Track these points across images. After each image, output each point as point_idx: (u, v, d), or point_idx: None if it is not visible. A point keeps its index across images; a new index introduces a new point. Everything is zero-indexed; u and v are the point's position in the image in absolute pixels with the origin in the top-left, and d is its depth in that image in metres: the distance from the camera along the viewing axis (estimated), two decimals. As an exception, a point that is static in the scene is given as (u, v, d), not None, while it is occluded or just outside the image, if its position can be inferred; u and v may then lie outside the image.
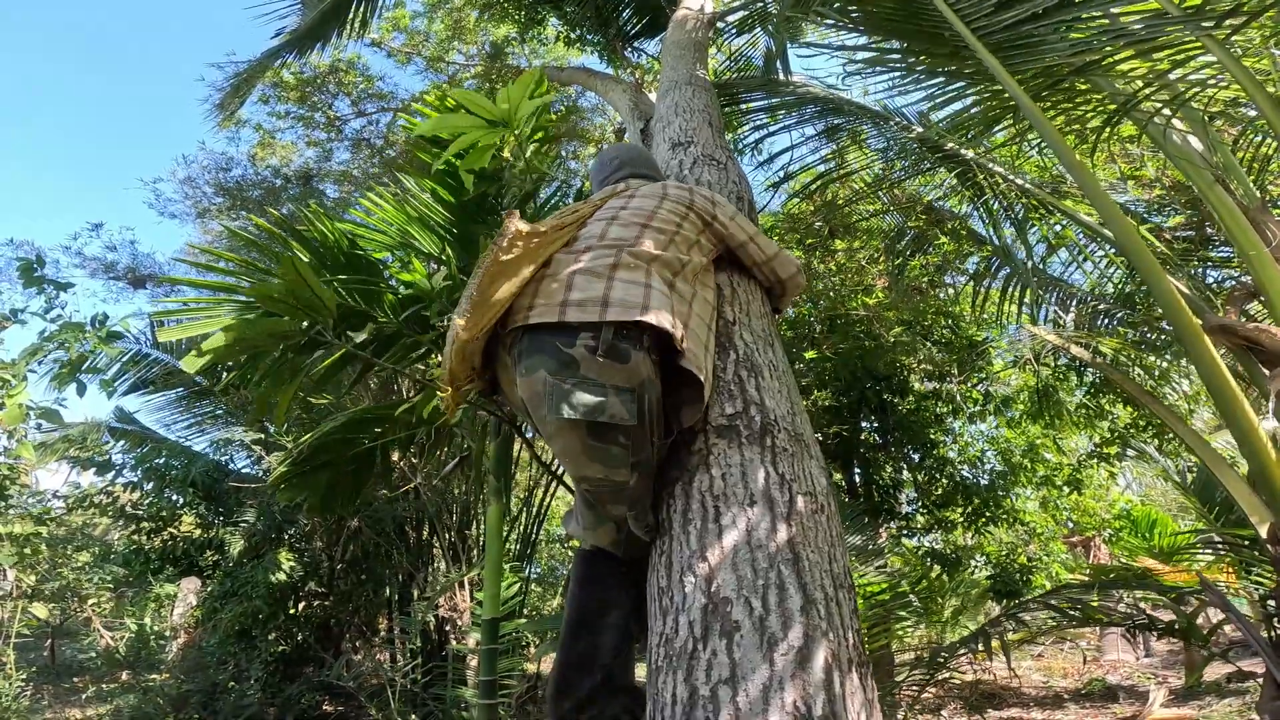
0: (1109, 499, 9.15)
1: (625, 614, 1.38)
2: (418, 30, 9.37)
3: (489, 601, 2.70)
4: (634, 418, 1.22)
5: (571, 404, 1.21)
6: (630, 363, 1.23)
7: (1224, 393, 1.64)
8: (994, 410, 7.04)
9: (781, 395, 1.47)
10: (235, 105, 6.79)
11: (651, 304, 1.28)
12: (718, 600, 1.14)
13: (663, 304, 1.30)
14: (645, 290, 1.30)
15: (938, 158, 3.34)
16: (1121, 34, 2.01)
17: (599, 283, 1.31)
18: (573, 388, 1.21)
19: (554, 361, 1.24)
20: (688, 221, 1.52)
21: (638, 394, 1.23)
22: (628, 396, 1.22)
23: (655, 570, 1.30)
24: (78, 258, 10.11)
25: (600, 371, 1.22)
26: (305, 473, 3.12)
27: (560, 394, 1.21)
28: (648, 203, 1.53)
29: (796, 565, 1.18)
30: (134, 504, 5.53)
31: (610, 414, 1.21)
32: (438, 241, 3.09)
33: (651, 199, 1.55)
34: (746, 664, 1.07)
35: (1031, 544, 7.93)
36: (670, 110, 2.89)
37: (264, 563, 4.78)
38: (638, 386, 1.24)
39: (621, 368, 1.23)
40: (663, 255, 1.40)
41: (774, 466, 1.30)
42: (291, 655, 5.21)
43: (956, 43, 2.32)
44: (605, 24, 5.56)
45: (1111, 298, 4.52)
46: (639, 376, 1.24)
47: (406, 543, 5.74)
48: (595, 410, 1.20)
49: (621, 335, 1.24)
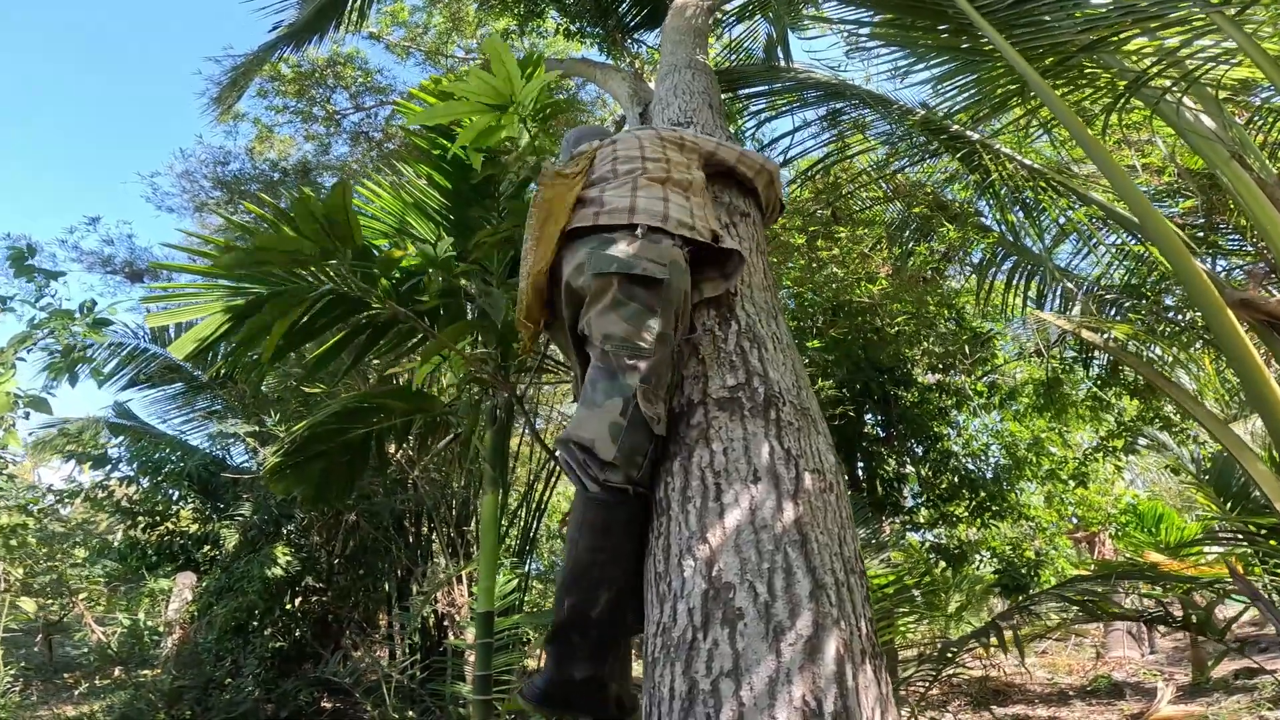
0: (1114, 494, 9.07)
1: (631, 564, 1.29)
2: (416, 24, 9.32)
3: (483, 595, 2.63)
4: (664, 274, 1.38)
5: (608, 258, 1.41)
6: (662, 245, 1.44)
7: (1250, 369, 1.56)
8: (999, 403, 6.95)
9: (786, 368, 1.39)
10: (232, 99, 6.74)
11: (671, 213, 1.51)
12: (719, 585, 1.06)
13: (681, 211, 1.53)
14: (664, 203, 1.53)
15: (943, 139, 3.26)
16: (1131, 10, 1.93)
17: (625, 198, 1.54)
18: (611, 251, 1.42)
19: (596, 240, 1.47)
20: (669, 153, 1.73)
21: (669, 267, 1.41)
22: (663, 268, 1.40)
23: (652, 554, 1.22)
24: (74, 251, 10.09)
25: (638, 248, 1.42)
26: (299, 463, 3.07)
27: (599, 257, 1.42)
28: (631, 142, 1.75)
29: (804, 547, 1.10)
30: (130, 499, 5.47)
31: (643, 268, 1.38)
32: (434, 228, 3.04)
33: (632, 139, 1.76)
34: (751, 655, 0.99)
35: (1037, 539, 7.85)
36: (669, 92, 2.84)
37: (260, 557, 4.71)
38: (669, 264, 1.41)
39: (654, 247, 1.43)
40: (671, 176, 1.63)
41: (779, 441, 1.23)
42: (289, 651, 5.14)
43: (961, 20, 2.25)
44: (605, 16, 5.51)
45: (1119, 288, 4.43)
46: (669, 256, 1.43)
47: (405, 537, 5.67)
48: (628, 264, 1.39)
49: (653, 230, 1.47)
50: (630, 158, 1.68)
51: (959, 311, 6.30)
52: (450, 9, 8.95)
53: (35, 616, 5.85)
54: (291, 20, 5.76)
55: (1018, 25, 2.13)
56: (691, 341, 1.46)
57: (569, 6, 5.56)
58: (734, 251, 1.55)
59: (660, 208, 1.51)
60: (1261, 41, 1.93)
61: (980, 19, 2.12)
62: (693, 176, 1.68)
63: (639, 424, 1.27)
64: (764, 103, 3.99)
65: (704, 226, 1.53)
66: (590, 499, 1.28)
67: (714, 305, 1.50)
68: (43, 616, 6.40)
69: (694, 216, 1.53)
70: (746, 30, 5.16)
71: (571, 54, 7.80)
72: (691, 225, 1.50)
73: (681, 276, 1.43)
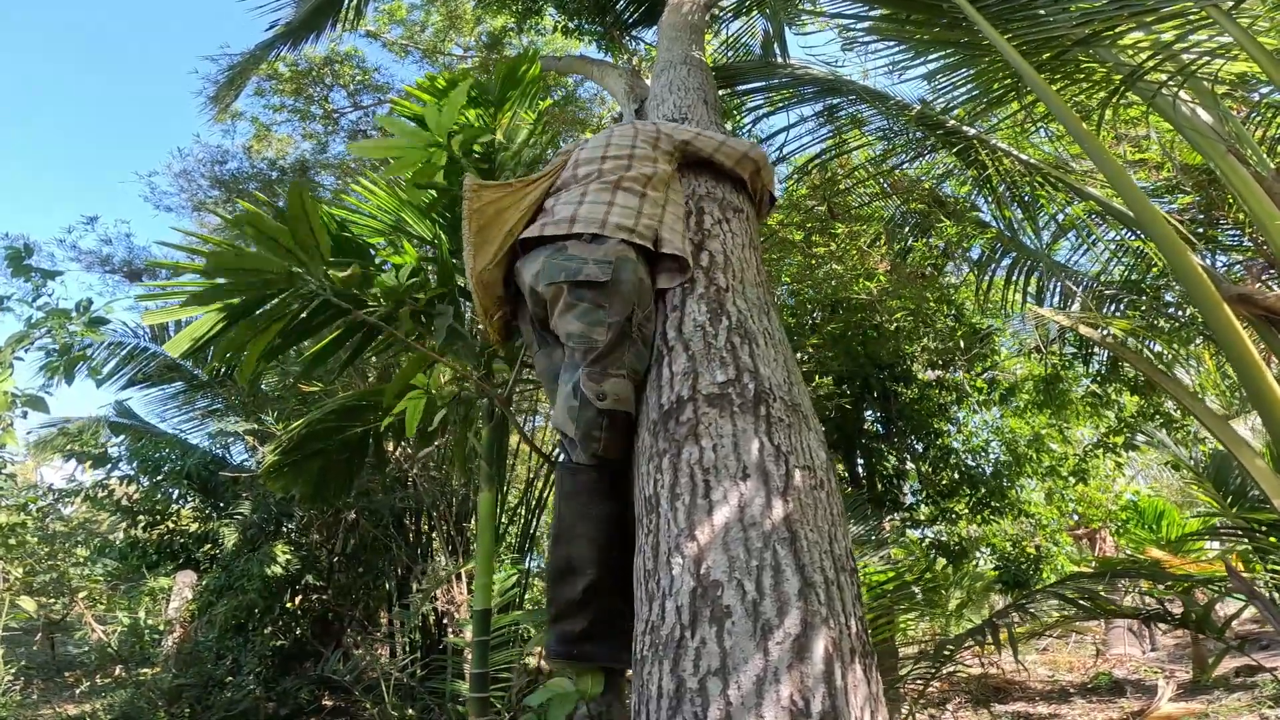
0: (1115, 490, 9.05)
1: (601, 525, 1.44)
2: (414, 22, 9.29)
3: (480, 592, 2.62)
4: (606, 276, 1.50)
5: (556, 268, 1.55)
6: (605, 246, 1.56)
7: (1247, 365, 1.55)
8: (999, 399, 6.94)
9: (777, 364, 1.39)
10: (230, 98, 6.73)
11: (611, 218, 1.61)
12: (707, 583, 1.06)
13: (624, 216, 1.62)
14: (606, 207, 1.63)
15: (939, 135, 3.24)
16: (1126, 4, 1.92)
17: (570, 207, 1.66)
18: (561, 260, 1.56)
19: (550, 248, 1.61)
20: (638, 146, 1.80)
21: (614, 265, 1.52)
22: (606, 267, 1.51)
23: (641, 552, 1.21)
24: (73, 251, 10.07)
25: (582, 250, 1.55)
26: (296, 462, 3.06)
27: (551, 266, 1.57)
28: (598, 142, 1.85)
29: (793, 545, 1.09)
30: (130, 498, 5.47)
31: (585, 274, 1.50)
32: (430, 226, 3.03)
33: (602, 139, 1.85)
34: (738, 654, 0.99)
35: (1037, 536, 7.83)
36: (665, 89, 2.83)
37: (259, 556, 4.71)
38: (614, 260, 1.52)
39: (599, 247, 1.55)
40: (627, 175, 1.71)
41: (769, 437, 1.22)
42: (289, 649, 5.14)
43: (956, 15, 2.23)
44: (603, 12, 5.50)
45: (1118, 284, 4.42)
46: (615, 253, 1.54)
47: (405, 535, 5.66)
48: (573, 272, 1.52)
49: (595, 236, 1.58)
50: (590, 160, 1.78)
51: (958, 307, 6.29)
52: (448, 6, 8.92)
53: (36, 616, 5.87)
54: (288, 19, 5.75)
55: (1013, 19, 2.11)
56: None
57: (567, 4, 5.54)
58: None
59: (601, 214, 1.61)
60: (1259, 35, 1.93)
61: (975, 13, 2.10)
62: (654, 171, 1.74)
63: (586, 402, 1.44)
64: (761, 99, 3.98)
65: (646, 226, 1.62)
66: (560, 467, 1.52)
67: (704, 301, 1.49)
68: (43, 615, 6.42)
69: (638, 217, 1.62)
70: (743, 26, 5.15)
71: (569, 52, 7.78)
72: (631, 228, 1.59)
73: (629, 267, 1.53)
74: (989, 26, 2.03)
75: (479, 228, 1.66)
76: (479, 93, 2.83)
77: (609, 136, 1.85)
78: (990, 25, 2.08)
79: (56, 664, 6.75)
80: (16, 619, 6.00)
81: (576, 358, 1.49)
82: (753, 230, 1.86)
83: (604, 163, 1.75)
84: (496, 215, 1.69)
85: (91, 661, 5.73)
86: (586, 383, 1.44)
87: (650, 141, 1.83)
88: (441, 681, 4.69)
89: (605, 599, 1.39)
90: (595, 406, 1.42)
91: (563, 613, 1.42)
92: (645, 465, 1.30)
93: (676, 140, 1.88)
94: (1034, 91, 2.01)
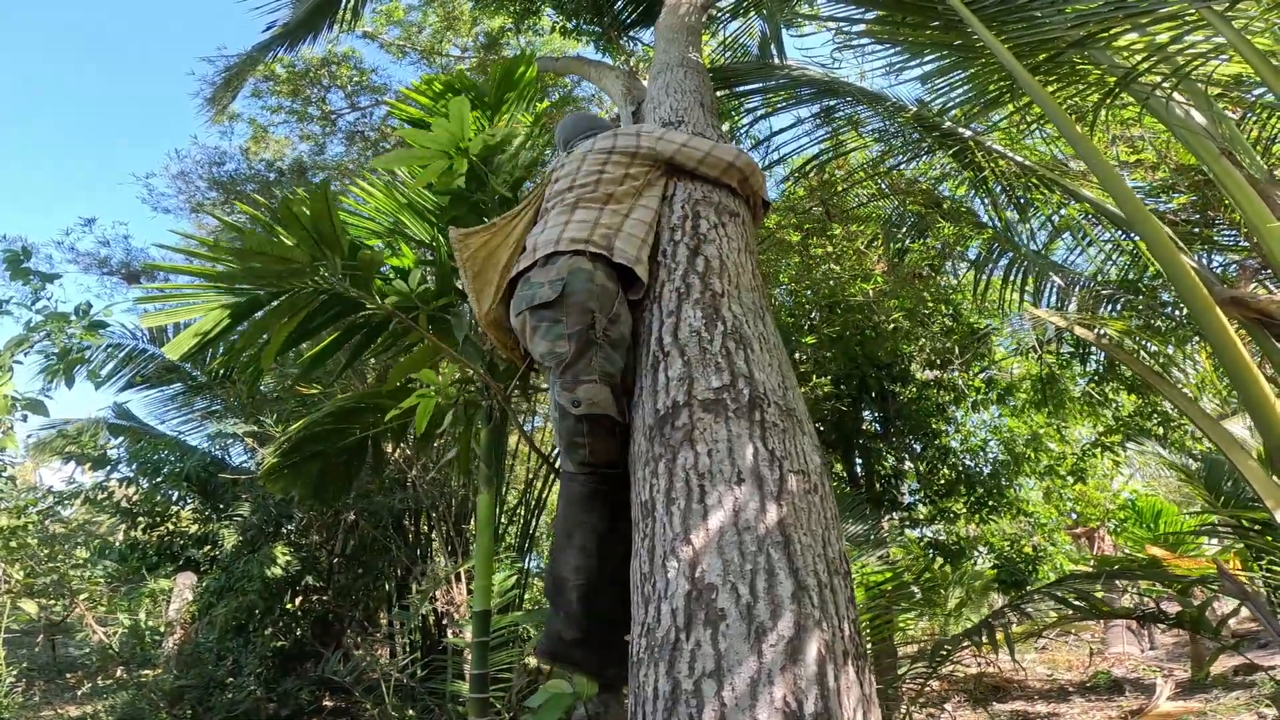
0: (1113, 489, 9.07)
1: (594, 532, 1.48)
2: (412, 23, 9.29)
3: (479, 593, 2.63)
4: (555, 293, 1.56)
5: (520, 300, 1.64)
6: (559, 263, 1.61)
7: (1239, 368, 1.56)
8: (996, 399, 6.95)
9: (772, 369, 1.40)
10: (227, 99, 6.72)
11: (565, 235, 1.66)
12: (702, 586, 1.07)
13: (579, 230, 1.67)
14: (562, 226, 1.69)
15: (935, 136, 3.25)
16: (1122, 5, 1.93)
17: (533, 238, 1.73)
18: (523, 290, 1.64)
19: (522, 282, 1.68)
20: (610, 164, 1.83)
21: (564, 281, 1.57)
22: (557, 284, 1.57)
23: (638, 555, 1.23)
24: (70, 253, 10.06)
25: (541, 275, 1.62)
26: (295, 463, 3.07)
27: (518, 298, 1.66)
28: (570, 167, 1.88)
29: (787, 549, 1.11)
30: (129, 499, 5.48)
31: (539, 297, 1.58)
32: (428, 228, 3.04)
33: (574, 162, 1.89)
34: (733, 656, 1.00)
35: (1035, 535, 7.85)
36: (661, 91, 2.84)
37: (259, 557, 4.72)
38: (566, 275, 1.58)
39: (552, 268, 1.61)
40: (585, 195, 1.75)
41: (763, 442, 1.23)
42: (290, 650, 5.15)
43: (951, 16, 2.24)
44: (600, 13, 5.50)
45: (1115, 284, 4.43)
46: (566, 269, 1.60)
47: (404, 536, 5.68)
48: (530, 298, 1.61)
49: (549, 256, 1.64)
50: (560, 190, 1.83)
51: (956, 307, 6.30)
52: (445, 7, 8.92)
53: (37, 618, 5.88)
54: (286, 20, 5.73)
55: (1008, 21, 2.12)
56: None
57: (565, 4, 5.53)
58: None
59: (557, 234, 1.67)
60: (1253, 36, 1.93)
61: (970, 15, 2.11)
62: (620, 188, 1.79)
63: (564, 412, 1.49)
64: (759, 100, 3.99)
65: (602, 235, 1.67)
66: (563, 477, 1.57)
67: (700, 306, 1.50)
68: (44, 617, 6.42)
69: (594, 228, 1.68)
70: (741, 27, 5.16)
71: (567, 52, 7.78)
72: (586, 239, 1.65)
73: (580, 277, 1.58)
74: (983, 28, 2.04)
75: (474, 274, 1.75)
76: (475, 96, 2.84)
77: (584, 157, 1.87)
78: (985, 27, 2.09)
79: (58, 665, 6.76)
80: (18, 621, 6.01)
81: (552, 375, 1.56)
82: (748, 235, 1.87)
83: (569, 192, 1.79)
84: (489, 258, 1.77)
85: (93, 663, 5.74)
86: (560, 393, 1.50)
87: (626, 157, 1.84)
88: (441, 682, 4.71)
89: (600, 607, 1.41)
90: (572, 414, 1.47)
91: (556, 619, 1.46)
92: (641, 470, 1.32)
93: (661, 154, 1.88)
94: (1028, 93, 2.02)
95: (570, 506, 1.51)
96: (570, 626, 1.43)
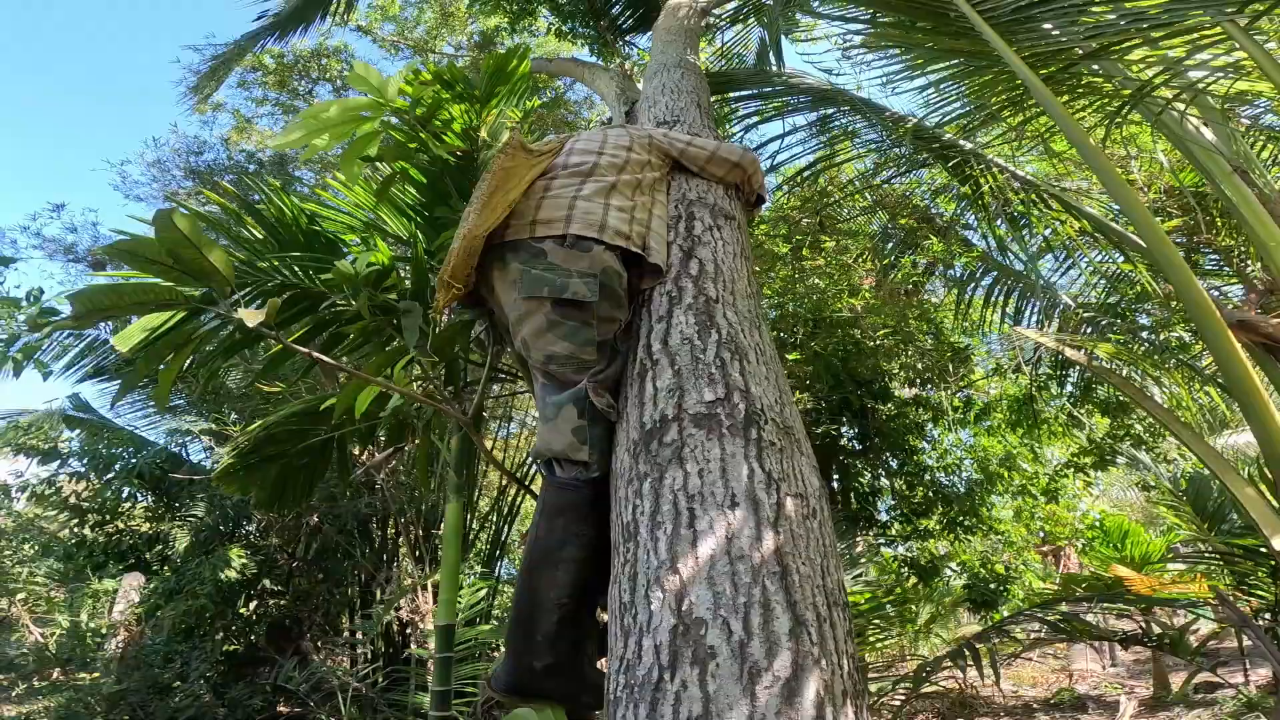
0: (1081, 509, 9.17)
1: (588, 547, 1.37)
2: (407, 19, 9.17)
3: (444, 607, 2.51)
4: (593, 296, 1.40)
5: (538, 281, 1.42)
6: (592, 253, 1.45)
7: (1247, 390, 1.51)
8: (973, 418, 6.97)
9: (769, 382, 1.30)
10: (211, 89, 6.54)
11: (609, 222, 1.51)
12: (690, 621, 0.97)
13: (620, 221, 1.52)
14: (604, 208, 1.53)
15: (933, 148, 3.21)
16: (1139, 18, 1.88)
17: (563, 203, 1.53)
18: (541, 272, 1.43)
19: (527, 254, 1.47)
20: (633, 151, 1.73)
21: (600, 279, 1.42)
22: (590, 280, 1.42)
23: (618, 583, 1.12)
24: (36, 238, 9.74)
25: (565, 259, 1.44)
26: (252, 465, 2.91)
27: (530, 278, 1.43)
28: (595, 137, 1.77)
29: (784, 580, 1.01)
30: (78, 495, 5.22)
31: (573, 291, 1.40)
32: (407, 224, 2.92)
33: (597, 135, 1.78)
34: (723, 699, 0.90)
35: (1005, 553, 7.89)
36: (657, 91, 2.76)
37: (212, 559, 4.51)
38: (599, 273, 1.43)
39: (584, 255, 1.44)
40: (621, 177, 1.63)
41: (760, 463, 1.13)
42: (243, 655, 4.94)
43: (963, 24, 2.19)
44: (598, 16, 5.45)
45: (1096, 307, 4.44)
46: (600, 264, 1.44)
47: (370, 541, 5.49)
48: (559, 288, 1.40)
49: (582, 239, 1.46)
50: (587, 151, 1.69)
51: (938, 326, 6.30)
52: (441, 4, 8.80)
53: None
54: (277, 9, 5.59)
55: (1020, 31, 2.07)
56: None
57: (561, 6, 5.47)
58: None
59: (599, 215, 1.52)
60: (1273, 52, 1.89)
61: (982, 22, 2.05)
62: (644, 176, 1.69)
63: (598, 418, 1.39)
64: (753, 106, 3.92)
65: (638, 234, 1.54)
66: (553, 484, 1.42)
67: (693, 312, 1.40)
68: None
69: (632, 223, 1.55)
70: (737, 36, 5.12)
71: (561, 54, 7.71)
72: (628, 235, 1.52)
73: (613, 279, 1.46)
74: (996, 36, 1.98)
75: (494, 188, 1.52)
76: (464, 88, 2.73)
77: (604, 134, 1.78)
78: (998, 35, 2.03)
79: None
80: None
81: (567, 378, 1.43)
82: (744, 239, 1.78)
83: (600, 157, 1.67)
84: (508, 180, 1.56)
85: (29, 664, 5.46)
86: (595, 398, 1.39)
87: (645, 146, 1.77)
88: (403, 693, 4.54)
89: (575, 632, 1.31)
90: (608, 420, 1.39)
91: (527, 647, 1.32)
92: (624, 489, 1.21)
93: (675, 146, 1.84)
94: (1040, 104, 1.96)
95: (559, 518, 1.38)
96: (544, 652, 1.30)
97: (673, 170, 1.87)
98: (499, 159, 1.53)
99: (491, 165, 1.53)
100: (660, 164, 1.79)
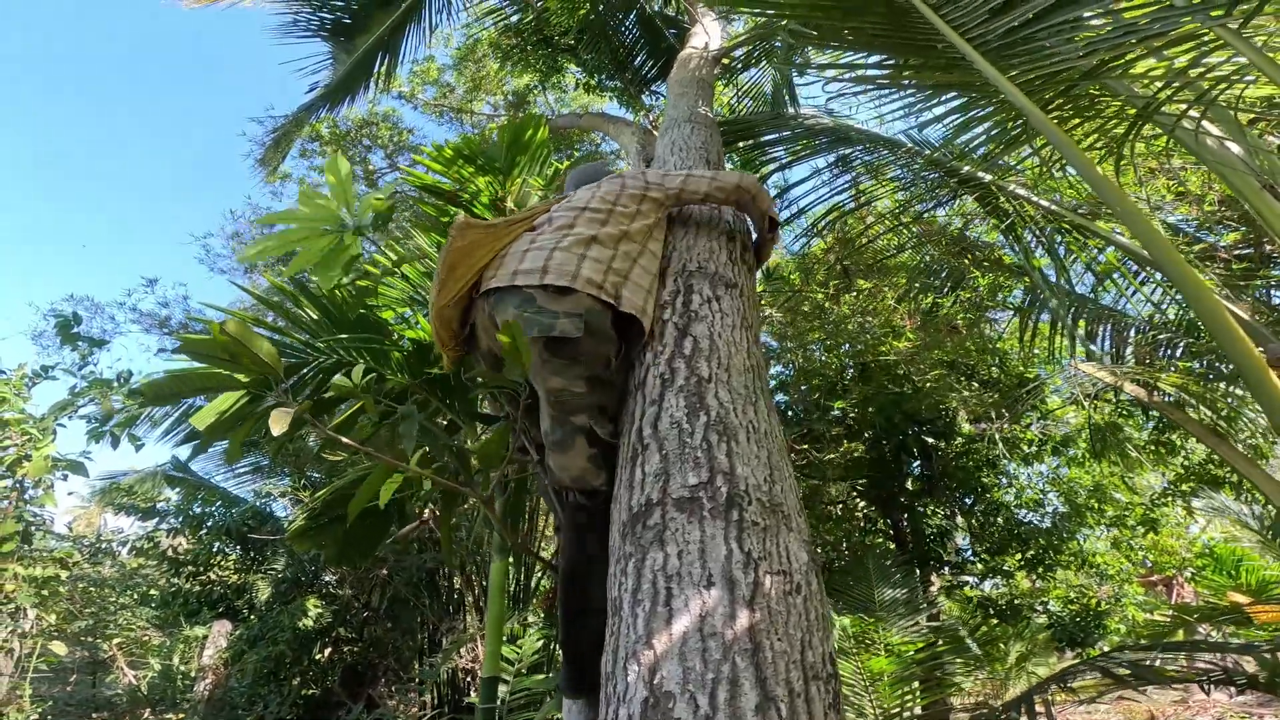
0: (1189, 536, 8.48)
1: None
2: (446, 83, 9.64)
3: (489, 659, 2.58)
4: (579, 332, 1.50)
5: (530, 324, 1.52)
6: (573, 295, 1.55)
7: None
8: (1051, 451, 6.60)
9: (758, 461, 1.33)
10: (277, 160, 7.00)
11: (582, 271, 1.59)
12: (659, 694, 1.01)
13: (595, 269, 1.60)
14: (579, 258, 1.62)
15: (955, 182, 3.15)
16: (1132, 29, 1.83)
17: (541, 255, 1.63)
18: (532, 315, 1.53)
19: (518, 298, 1.58)
20: (620, 203, 1.81)
21: (584, 318, 1.53)
22: (576, 319, 1.52)
23: (606, 651, 1.18)
24: (133, 313, 10.58)
25: (551, 302, 1.54)
26: (322, 525, 3.10)
27: (523, 321, 1.53)
28: (583, 196, 1.85)
29: (755, 657, 1.04)
30: (175, 549, 5.66)
31: (560, 329, 1.50)
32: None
33: (586, 193, 1.87)
34: (688, 775, 0.94)
35: (1104, 586, 7.35)
36: (667, 149, 2.83)
37: (291, 609, 4.78)
38: (584, 311, 1.54)
39: (567, 298, 1.55)
40: (600, 232, 1.70)
41: (739, 543, 1.17)
42: (319, 699, 5.17)
43: (951, 54, 2.15)
44: (622, 69, 5.64)
45: (1173, 325, 4.16)
46: (583, 305, 1.55)
47: (436, 592, 5.68)
48: (547, 328, 1.50)
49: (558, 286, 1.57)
50: (571, 208, 1.79)
51: (1001, 358, 6.05)
52: (470, 72, 9.20)
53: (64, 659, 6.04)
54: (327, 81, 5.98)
55: (1014, 55, 2.01)
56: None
57: (587, 61, 5.69)
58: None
59: (573, 266, 1.60)
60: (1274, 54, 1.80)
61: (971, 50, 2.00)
62: (630, 227, 1.75)
63: (604, 444, 1.54)
64: (778, 151, 3.95)
65: (613, 283, 1.61)
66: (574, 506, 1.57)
67: (683, 394, 1.45)
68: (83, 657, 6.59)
69: (607, 273, 1.61)
70: (751, 79, 5.18)
71: (591, 108, 7.97)
72: (600, 284, 1.58)
73: (597, 319, 1.55)
74: (986, 64, 1.93)
75: (452, 265, 1.66)
76: (485, 160, 2.88)
77: (599, 189, 1.86)
78: (989, 63, 1.99)
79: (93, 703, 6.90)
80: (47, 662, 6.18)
81: (565, 410, 1.55)
82: (748, 308, 1.81)
83: (583, 213, 1.76)
84: (469, 252, 1.68)
85: (122, 703, 5.85)
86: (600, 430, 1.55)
87: (637, 196, 1.84)
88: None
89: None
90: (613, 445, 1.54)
91: (582, 651, 1.45)
92: (613, 567, 1.27)
93: (669, 190, 1.89)
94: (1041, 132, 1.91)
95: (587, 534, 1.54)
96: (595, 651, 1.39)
97: (674, 223, 1.95)
98: (451, 238, 1.67)
99: (446, 245, 1.67)
100: (652, 211, 1.84)
